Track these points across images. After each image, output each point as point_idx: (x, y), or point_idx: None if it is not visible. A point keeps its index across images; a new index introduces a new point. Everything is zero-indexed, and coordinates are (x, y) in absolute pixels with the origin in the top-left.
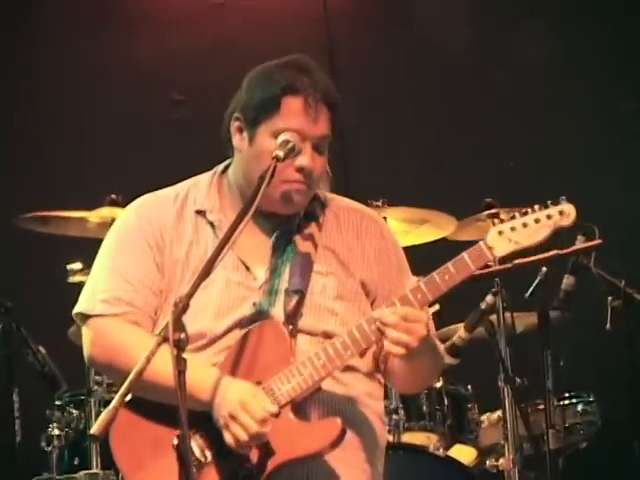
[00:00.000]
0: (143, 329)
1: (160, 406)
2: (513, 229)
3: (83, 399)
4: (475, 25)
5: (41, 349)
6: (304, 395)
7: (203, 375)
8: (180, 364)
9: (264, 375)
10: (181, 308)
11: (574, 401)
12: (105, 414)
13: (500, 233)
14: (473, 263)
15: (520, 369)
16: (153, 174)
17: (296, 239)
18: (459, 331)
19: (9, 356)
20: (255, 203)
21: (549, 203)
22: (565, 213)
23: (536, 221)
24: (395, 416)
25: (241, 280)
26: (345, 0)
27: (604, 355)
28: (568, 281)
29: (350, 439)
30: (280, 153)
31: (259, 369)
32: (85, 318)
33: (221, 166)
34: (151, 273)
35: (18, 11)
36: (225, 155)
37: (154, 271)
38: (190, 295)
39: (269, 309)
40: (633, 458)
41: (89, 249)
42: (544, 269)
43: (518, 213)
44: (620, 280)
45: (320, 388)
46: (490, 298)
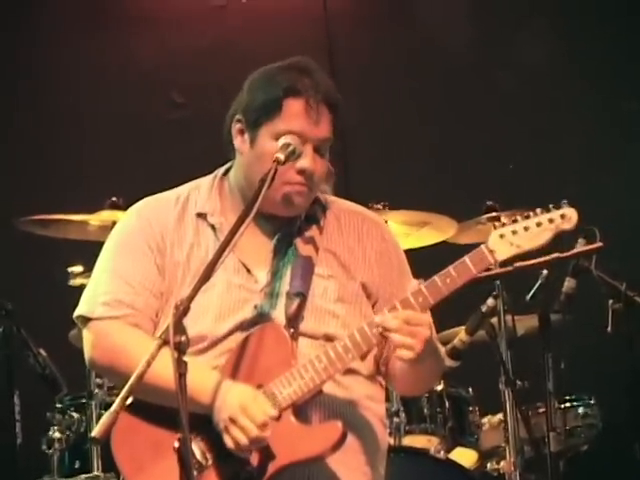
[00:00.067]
0: (144, 332)
1: (161, 409)
2: (515, 232)
3: (84, 402)
4: (478, 25)
5: (42, 352)
6: (305, 398)
7: (204, 378)
8: (181, 367)
9: (265, 378)
10: (182, 311)
11: (575, 404)
12: (106, 417)
13: (502, 236)
14: (475, 267)
15: (521, 372)
16: (153, 174)
17: (297, 242)
18: (460, 334)
19: (10, 359)
20: (256, 206)
21: (551, 207)
22: (567, 217)
23: (538, 225)
24: (396, 419)
25: (242, 283)
26: (345, 0)
27: (605, 358)
28: (569, 284)
29: (351, 442)
30: (281, 156)
31: (260, 372)
32: (86, 321)
33: (222, 169)
34: (152, 275)
35: (18, 11)
36: (225, 156)
37: (155, 273)
38: (191, 298)
39: (270, 312)
40: (634, 461)
41: (90, 252)
42: (545, 272)
43: (520, 216)
44: (621, 283)
45: (321, 391)
46: (491, 301)
